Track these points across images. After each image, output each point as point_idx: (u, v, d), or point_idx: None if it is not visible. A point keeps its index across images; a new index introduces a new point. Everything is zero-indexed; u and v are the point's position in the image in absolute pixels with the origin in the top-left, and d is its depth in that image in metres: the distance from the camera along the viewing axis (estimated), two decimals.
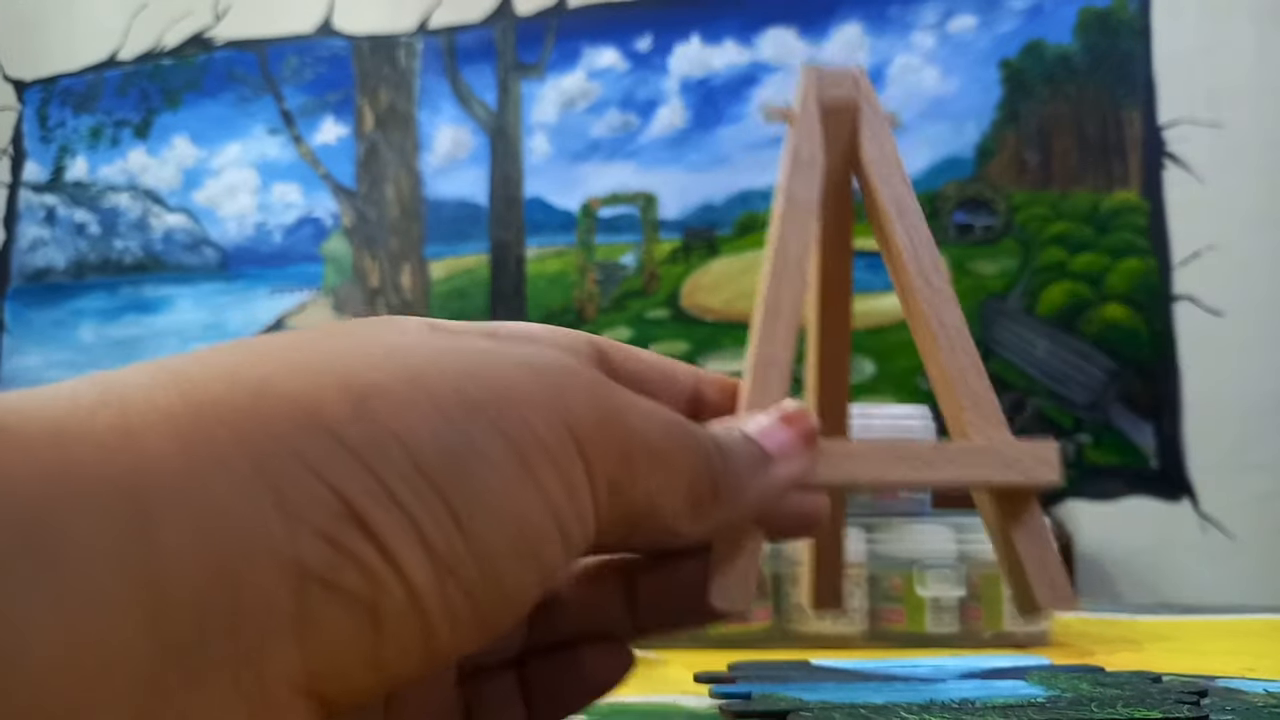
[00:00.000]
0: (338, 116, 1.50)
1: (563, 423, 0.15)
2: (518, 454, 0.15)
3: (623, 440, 0.16)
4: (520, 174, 1.42)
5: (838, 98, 0.24)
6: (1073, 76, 1.25)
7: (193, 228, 1.57)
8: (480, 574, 0.14)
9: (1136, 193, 1.23)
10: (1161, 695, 0.31)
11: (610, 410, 0.16)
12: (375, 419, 0.14)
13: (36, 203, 1.65)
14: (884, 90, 1.31)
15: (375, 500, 0.13)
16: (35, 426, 0.12)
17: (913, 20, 1.30)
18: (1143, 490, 1.24)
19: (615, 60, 1.39)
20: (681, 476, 0.17)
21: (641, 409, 0.17)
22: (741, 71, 1.35)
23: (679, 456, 0.17)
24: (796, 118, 0.24)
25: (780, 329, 0.22)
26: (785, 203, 0.23)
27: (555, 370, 0.16)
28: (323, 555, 0.13)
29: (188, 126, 1.58)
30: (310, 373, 0.14)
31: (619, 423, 0.16)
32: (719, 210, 1.34)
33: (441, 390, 0.15)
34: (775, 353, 0.22)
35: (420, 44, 1.47)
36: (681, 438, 0.18)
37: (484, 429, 0.15)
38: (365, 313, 1.47)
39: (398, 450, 0.14)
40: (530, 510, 0.15)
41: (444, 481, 0.14)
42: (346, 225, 1.49)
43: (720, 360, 1.33)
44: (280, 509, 0.13)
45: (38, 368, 1.61)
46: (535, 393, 0.15)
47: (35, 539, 0.11)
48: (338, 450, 0.13)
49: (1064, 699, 0.30)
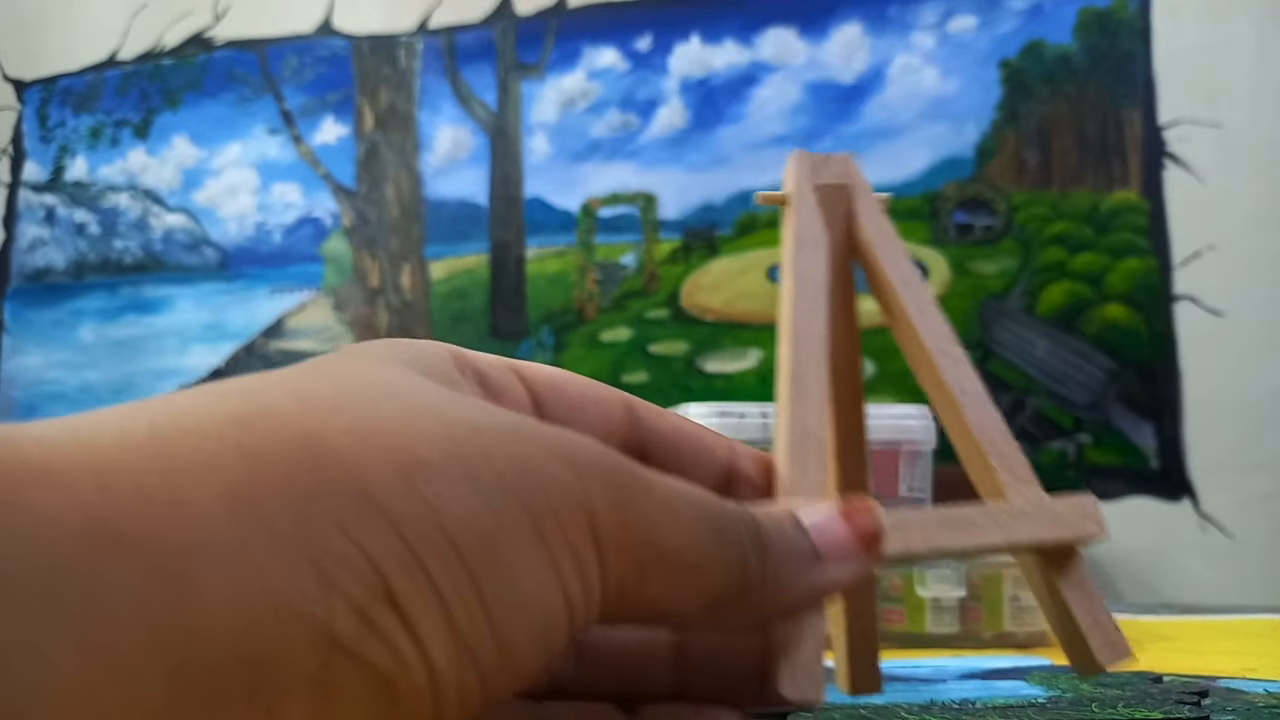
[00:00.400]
0: (338, 116, 1.50)
1: (585, 516, 0.15)
2: (544, 542, 0.15)
3: (642, 547, 0.16)
4: (520, 174, 1.42)
5: (831, 181, 0.25)
6: (1073, 76, 1.25)
7: (193, 228, 1.57)
8: (497, 658, 0.14)
9: (1137, 193, 1.23)
10: (1162, 696, 0.31)
11: (635, 514, 0.16)
12: (420, 495, 0.14)
13: (36, 202, 1.65)
14: (884, 90, 1.30)
15: (410, 577, 0.13)
16: (80, 466, 0.12)
17: (912, 20, 1.30)
18: (1143, 490, 1.24)
19: (615, 60, 1.39)
20: (703, 583, 0.17)
21: (673, 509, 0.17)
22: (741, 71, 1.35)
23: (704, 562, 0.17)
24: (792, 201, 0.25)
25: (811, 405, 0.22)
26: (795, 281, 0.24)
27: (587, 461, 0.16)
28: (353, 627, 0.13)
29: (187, 126, 1.58)
30: (361, 437, 0.14)
31: (641, 528, 0.16)
32: (719, 210, 1.34)
33: (482, 471, 0.15)
34: (810, 428, 0.22)
35: (420, 44, 1.48)
36: (712, 540, 0.17)
37: (516, 515, 0.15)
38: (365, 313, 1.47)
39: (437, 528, 0.14)
40: (550, 598, 0.15)
41: (476, 564, 0.14)
42: (346, 225, 1.49)
43: (720, 360, 1.33)
44: (318, 576, 0.13)
45: (38, 367, 1.61)
46: (565, 482, 0.15)
47: (67, 584, 0.11)
48: (381, 523, 0.13)
49: (1065, 699, 0.30)
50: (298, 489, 0.13)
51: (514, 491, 0.15)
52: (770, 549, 0.18)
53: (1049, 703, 0.31)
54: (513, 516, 0.15)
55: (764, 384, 1.30)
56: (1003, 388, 1.26)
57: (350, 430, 0.14)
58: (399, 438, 0.15)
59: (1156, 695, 0.32)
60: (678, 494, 0.17)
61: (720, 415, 0.66)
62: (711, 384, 1.31)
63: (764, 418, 0.67)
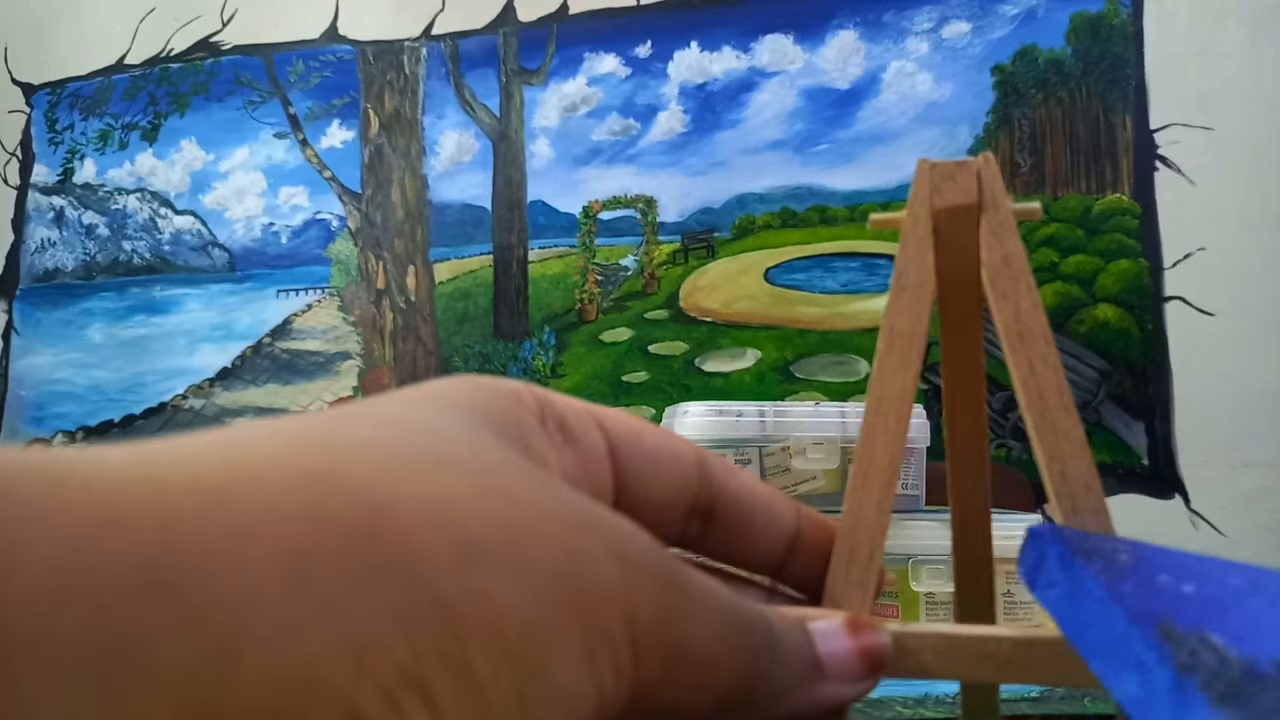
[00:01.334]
0: (344, 121, 1.51)
1: (628, 615, 0.15)
2: (589, 642, 0.15)
3: (673, 646, 0.16)
4: (523, 177, 1.43)
5: (953, 203, 0.21)
6: (1065, 81, 1.26)
7: (201, 230, 1.57)
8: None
9: (1128, 195, 1.23)
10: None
11: (672, 615, 0.16)
12: (474, 580, 0.14)
13: (45, 205, 1.65)
14: (879, 95, 1.31)
15: (449, 665, 0.13)
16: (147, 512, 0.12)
17: (907, 26, 1.30)
18: (1134, 488, 1.24)
19: (616, 66, 1.39)
20: (720, 682, 0.17)
21: (705, 609, 0.17)
22: (739, 77, 1.35)
23: (724, 663, 0.17)
24: (904, 228, 0.21)
25: (872, 492, 0.20)
26: (887, 335, 0.21)
27: (638, 559, 0.16)
28: (379, 712, 0.12)
29: (195, 130, 1.58)
30: (426, 512, 0.14)
31: (676, 628, 0.16)
32: (717, 213, 1.35)
33: (539, 562, 0.14)
34: (866, 517, 0.20)
35: (425, 50, 1.48)
36: (734, 643, 0.17)
37: (564, 609, 0.14)
38: (371, 314, 1.48)
39: (486, 617, 0.14)
40: (584, 690, 0.15)
41: (517, 654, 0.14)
42: (352, 228, 1.50)
43: (718, 360, 1.33)
44: (356, 656, 0.12)
45: (47, 367, 1.61)
46: (614, 579, 0.15)
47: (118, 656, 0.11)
48: (431, 606, 0.13)
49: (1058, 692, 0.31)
50: (354, 561, 0.13)
51: (566, 585, 0.15)
52: (779, 656, 0.18)
53: (1042, 696, 0.32)
54: (561, 610, 0.14)
55: (761, 383, 1.31)
56: (996, 387, 1.27)
57: (418, 501, 0.14)
58: (464, 517, 0.14)
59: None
60: (709, 593, 0.17)
61: (718, 414, 0.68)
62: (710, 383, 1.32)
63: (760, 417, 0.69)
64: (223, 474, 0.13)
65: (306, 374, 1.49)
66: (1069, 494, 0.19)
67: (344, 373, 1.48)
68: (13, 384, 1.62)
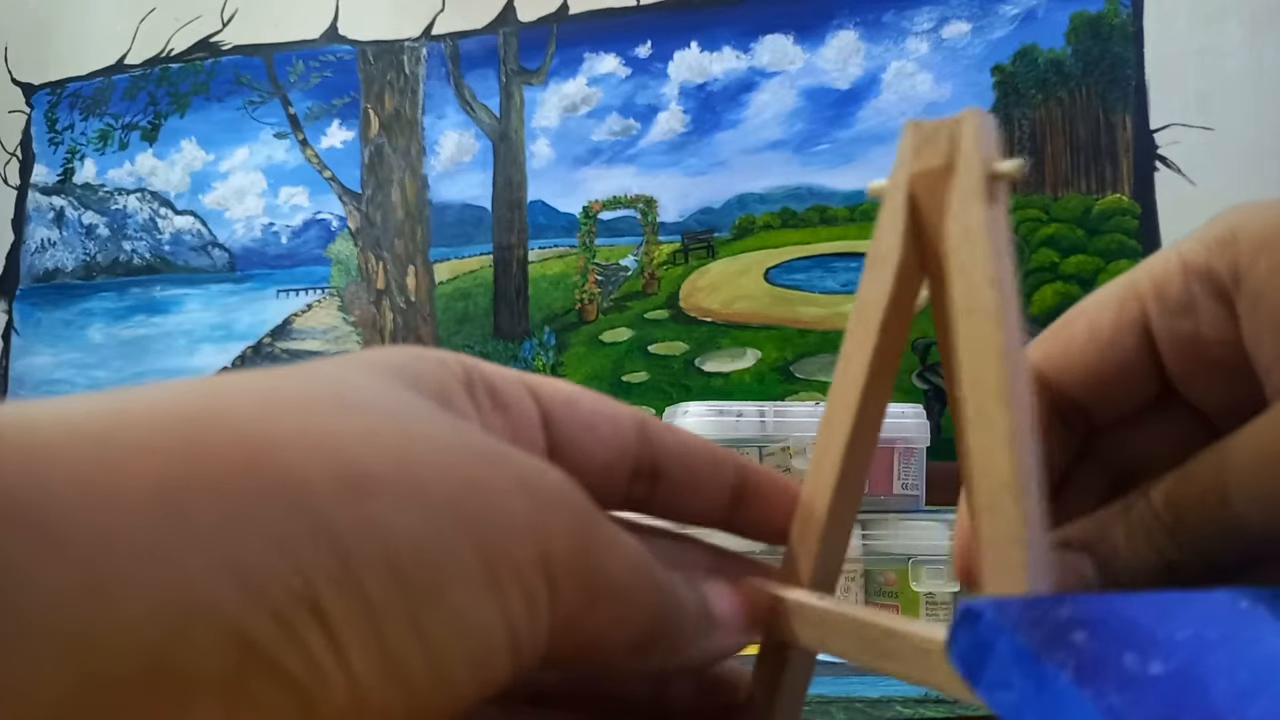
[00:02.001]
0: (344, 121, 1.51)
1: (541, 551, 0.15)
2: (492, 572, 0.14)
3: (592, 576, 0.16)
4: (523, 178, 1.43)
5: (928, 166, 0.19)
6: (1065, 81, 1.26)
7: (201, 230, 1.58)
8: (428, 678, 0.14)
9: (1128, 196, 1.23)
10: None
11: (589, 548, 0.16)
12: (363, 508, 0.13)
13: (45, 205, 1.65)
14: (879, 95, 1.31)
15: (340, 588, 0.13)
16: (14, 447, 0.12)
17: (907, 27, 1.30)
18: None
19: (616, 66, 1.40)
20: (635, 618, 0.17)
21: (619, 549, 0.17)
22: (740, 77, 1.36)
23: (638, 599, 0.17)
24: (885, 195, 0.20)
25: (824, 476, 0.20)
26: (855, 308, 0.20)
27: (550, 498, 0.16)
28: (270, 634, 0.12)
29: (195, 130, 1.58)
30: (313, 445, 0.14)
31: (593, 561, 0.16)
32: (717, 214, 1.35)
33: (436, 495, 0.14)
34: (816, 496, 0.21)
35: (425, 50, 1.48)
36: (647, 583, 0.17)
37: (463, 538, 0.14)
38: (371, 314, 1.48)
39: (377, 544, 0.13)
40: (491, 624, 0.14)
41: (413, 583, 0.13)
42: (352, 228, 1.50)
43: (717, 360, 1.34)
44: (238, 580, 0.12)
45: (47, 367, 1.62)
46: (525, 517, 0.15)
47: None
48: (316, 533, 0.13)
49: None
50: (233, 489, 0.13)
51: (465, 515, 0.14)
52: (681, 609, 0.18)
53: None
54: (459, 539, 0.14)
55: (761, 383, 1.31)
56: None
57: (304, 435, 0.14)
58: (354, 449, 0.14)
59: None
60: (621, 531, 0.17)
61: (718, 414, 0.68)
62: (710, 383, 1.32)
63: (760, 417, 0.69)
64: (98, 417, 0.13)
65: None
66: (985, 489, 0.17)
67: None
68: (13, 384, 1.62)
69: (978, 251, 0.18)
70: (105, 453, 0.12)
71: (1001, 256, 0.18)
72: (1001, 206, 0.19)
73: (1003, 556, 0.16)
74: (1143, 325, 0.23)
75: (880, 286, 0.20)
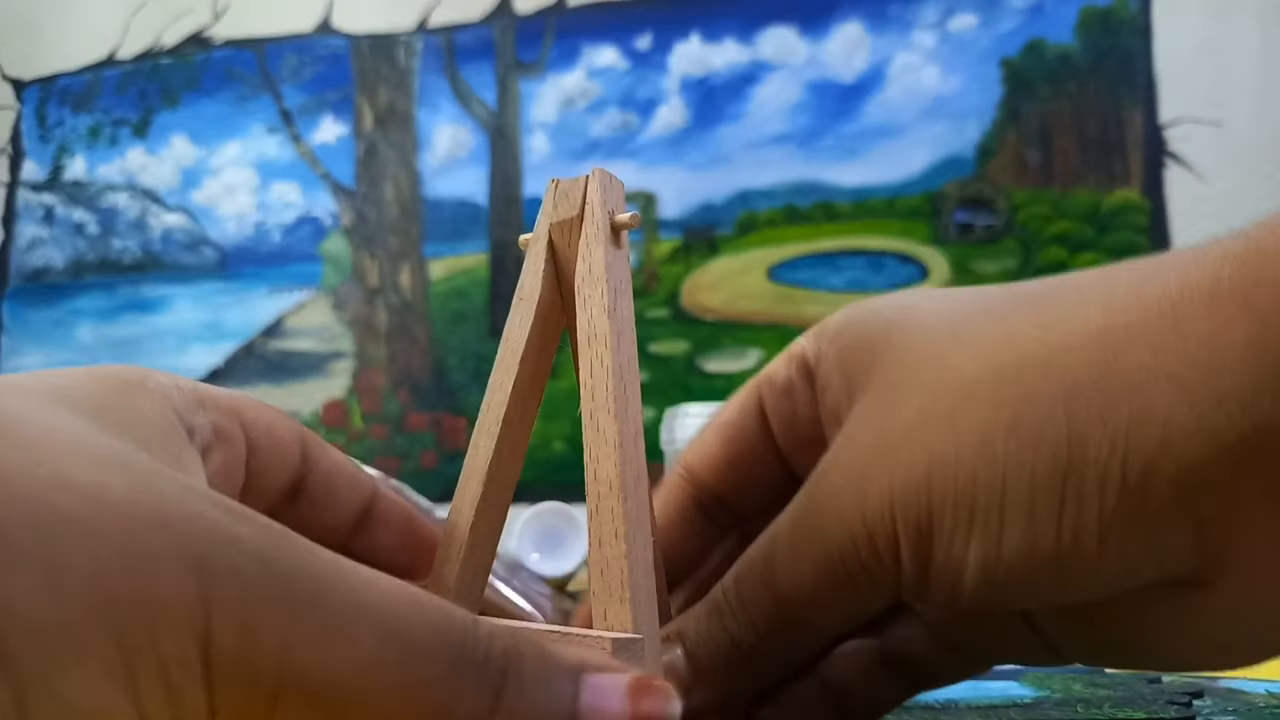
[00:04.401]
0: (337, 115, 1.50)
1: (194, 638, 0.12)
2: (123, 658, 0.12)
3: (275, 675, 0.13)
4: (520, 173, 1.42)
5: (563, 218, 0.22)
6: (1074, 75, 1.25)
7: (191, 227, 1.56)
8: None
9: (1138, 192, 1.23)
10: (1154, 696, 0.30)
11: (274, 638, 0.13)
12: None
13: (35, 202, 1.64)
14: (884, 89, 1.30)
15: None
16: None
17: (913, 19, 1.29)
18: None
19: (615, 59, 1.38)
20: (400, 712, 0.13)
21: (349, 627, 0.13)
22: (742, 70, 1.34)
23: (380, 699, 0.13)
24: (529, 244, 0.23)
25: (471, 485, 0.21)
26: (502, 342, 0.23)
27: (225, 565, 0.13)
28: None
29: (186, 125, 1.57)
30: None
31: (281, 654, 0.13)
32: (719, 209, 1.34)
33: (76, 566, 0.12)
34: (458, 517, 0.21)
35: (419, 43, 1.47)
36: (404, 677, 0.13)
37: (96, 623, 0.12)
38: (364, 312, 1.46)
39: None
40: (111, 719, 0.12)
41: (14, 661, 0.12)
42: (345, 224, 1.49)
43: (720, 360, 1.32)
44: None
45: (36, 367, 1.60)
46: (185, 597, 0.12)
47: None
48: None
49: (1050, 700, 0.30)
50: None
51: (102, 592, 0.12)
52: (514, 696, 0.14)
53: (1034, 703, 0.31)
54: (86, 619, 0.12)
55: None
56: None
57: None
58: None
59: (1148, 696, 0.31)
60: (366, 608, 0.14)
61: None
62: (711, 384, 1.30)
63: None
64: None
65: (298, 374, 1.48)
66: (595, 492, 0.19)
67: (337, 373, 1.46)
68: None
69: (598, 288, 0.21)
70: None
71: (618, 293, 0.21)
72: (624, 250, 0.22)
73: (610, 553, 0.18)
74: (760, 410, 0.25)
75: (523, 323, 0.22)
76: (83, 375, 0.16)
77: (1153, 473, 0.18)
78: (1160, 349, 0.18)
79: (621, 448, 0.19)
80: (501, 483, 0.22)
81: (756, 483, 0.26)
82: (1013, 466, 0.19)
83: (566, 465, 1.28)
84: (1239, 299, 0.17)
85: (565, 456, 1.29)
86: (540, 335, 0.23)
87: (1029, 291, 0.22)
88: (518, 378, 0.22)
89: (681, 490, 0.26)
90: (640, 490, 0.20)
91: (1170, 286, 0.18)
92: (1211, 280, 0.18)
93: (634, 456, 0.20)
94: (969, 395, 0.20)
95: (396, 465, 1.39)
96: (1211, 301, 0.17)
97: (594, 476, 0.19)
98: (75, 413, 0.15)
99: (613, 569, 0.18)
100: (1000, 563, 0.19)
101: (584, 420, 0.20)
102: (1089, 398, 0.18)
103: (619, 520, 0.19)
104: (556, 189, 0.23)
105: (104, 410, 0.15)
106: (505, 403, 0.22)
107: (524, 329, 0.22)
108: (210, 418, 0.18)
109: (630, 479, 0.19)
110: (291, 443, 0.20)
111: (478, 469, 0.22)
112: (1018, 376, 0.19)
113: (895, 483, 0.20)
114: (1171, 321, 0.18)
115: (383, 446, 1.41)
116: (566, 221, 0.22)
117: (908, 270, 1.26)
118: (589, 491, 0.19)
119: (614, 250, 0.22)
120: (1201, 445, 0.17)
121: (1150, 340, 0.18)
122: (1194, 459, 0.17)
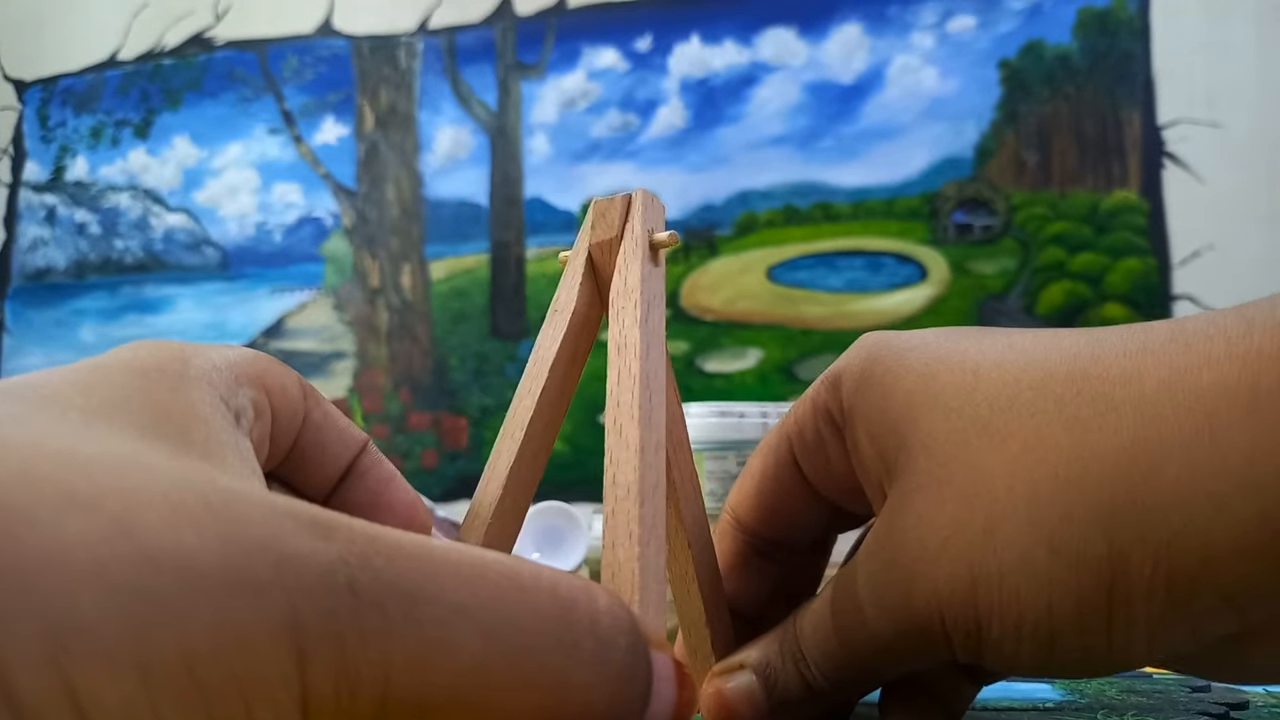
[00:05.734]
0: (338, 116, 1.50)
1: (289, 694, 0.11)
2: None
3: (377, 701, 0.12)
4: (520, 174, 1.42)
5: (602, 238, 0.23)
6: (1072, 77, 1.25)
7: (193, 227, 1.56)
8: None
9: (1136, 192, 1.23)
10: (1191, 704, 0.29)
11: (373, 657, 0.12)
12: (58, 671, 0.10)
13: (37, 202, 1.64)
14: (883, 90, 1.30)
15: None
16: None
17: (912, 20, 1.29)
18: None
19: (615, 60, 1.38)
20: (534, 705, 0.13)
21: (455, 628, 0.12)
22: (741, 71, 1.34)
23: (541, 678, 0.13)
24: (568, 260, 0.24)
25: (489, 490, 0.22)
26: (534, 351, 0.23)
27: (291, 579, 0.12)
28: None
29: (188, 126, 1.57)
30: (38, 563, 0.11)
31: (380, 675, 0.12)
32: (719, 210, 1.34)
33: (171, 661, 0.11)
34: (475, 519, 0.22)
35: (420, 44, 1.47)
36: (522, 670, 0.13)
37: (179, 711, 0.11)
38: (366, 313, 1.47)
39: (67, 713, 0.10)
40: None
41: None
42: (347, 225, 1.49)
43: (720, 360, 1.32)
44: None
45: (38, 367, 1.60)
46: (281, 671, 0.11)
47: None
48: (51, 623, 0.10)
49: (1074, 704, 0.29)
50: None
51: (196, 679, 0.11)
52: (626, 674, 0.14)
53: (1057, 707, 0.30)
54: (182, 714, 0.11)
55: (764, 384, 1.29)
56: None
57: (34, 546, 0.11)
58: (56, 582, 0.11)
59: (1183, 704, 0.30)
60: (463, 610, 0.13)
61: (720, 415, 0.66)
62: (711, 384, 1.31)
63: (763, 417, 0.67)
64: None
65: (300, 374, 1.48)
66: (613, 496, 0.20)
67: (338, 373, 1.47)
68: None
69: (632, 299, 0.22)
70: None
71: (651, 307, 0.22)
72: (661, 267, 0.23)
73: (622, 555, 0.19)
74: (793, 462, 0.26)
75: (555, 334, 0.23)
76: (118, 371, 0.15)
77: (1198, 585, 0.18)
78: (1197, 465, 0.18)
79: (642, 454, 0.20)
80: (520, 488, 0.22)
81: (799, 522, 0.28)
82: (1058, 586, 0.19)
83: (567, 465, 1.28)
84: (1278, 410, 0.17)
85: (565, 456, 1.29)
86: (571, 347, 0.23)
87: (1053, 373, 0.21)
88: (545, 387, 0.23)
89: (734, 539, 0.28)
90: (657, 497, 0.20)
91: (1205, 390, 0.18)
92: (1249, 389, 0.17)
93: (654, 464, 0.20)
94: (1006, 509, 0.20)
95: (398, 465, 1.39)
96: (1249, 413, 0.17)
97: (613, 480, 0.20)
98: (127, 430, 0.13)
99: (624, 571, 0.18)
100: (1053, 661, 0.20)
101: (607, 426, 0.21)
102: (1127, 517, 0.18)
103: (633, 524, 0.19)
104: (597, 208, 0.23)
105: (157, 422, 0.14)
106: (531, 409, 0.22)
107: (555, 340, 0.23)
108: (249, 395, 0.18)
109: (648, 485, 0.19)
110: (299, 400, 0.21)
111: (498, 473, 0.22)
112: (1052, 495, 0.19)
113: (940, 590, 0.20)
114: (1208, 434, 0.18)
115: (384, 446, 1.42)
116: (606, 241, 0.23)
117: (906, 270, 1.27)
118: (606, 495, 0.20)
119: (651, 267, 0.22)
120: (1246, 562, 0.17)
121: (1187, 455, 0.18)
122: (1238, 574, 0.17)
